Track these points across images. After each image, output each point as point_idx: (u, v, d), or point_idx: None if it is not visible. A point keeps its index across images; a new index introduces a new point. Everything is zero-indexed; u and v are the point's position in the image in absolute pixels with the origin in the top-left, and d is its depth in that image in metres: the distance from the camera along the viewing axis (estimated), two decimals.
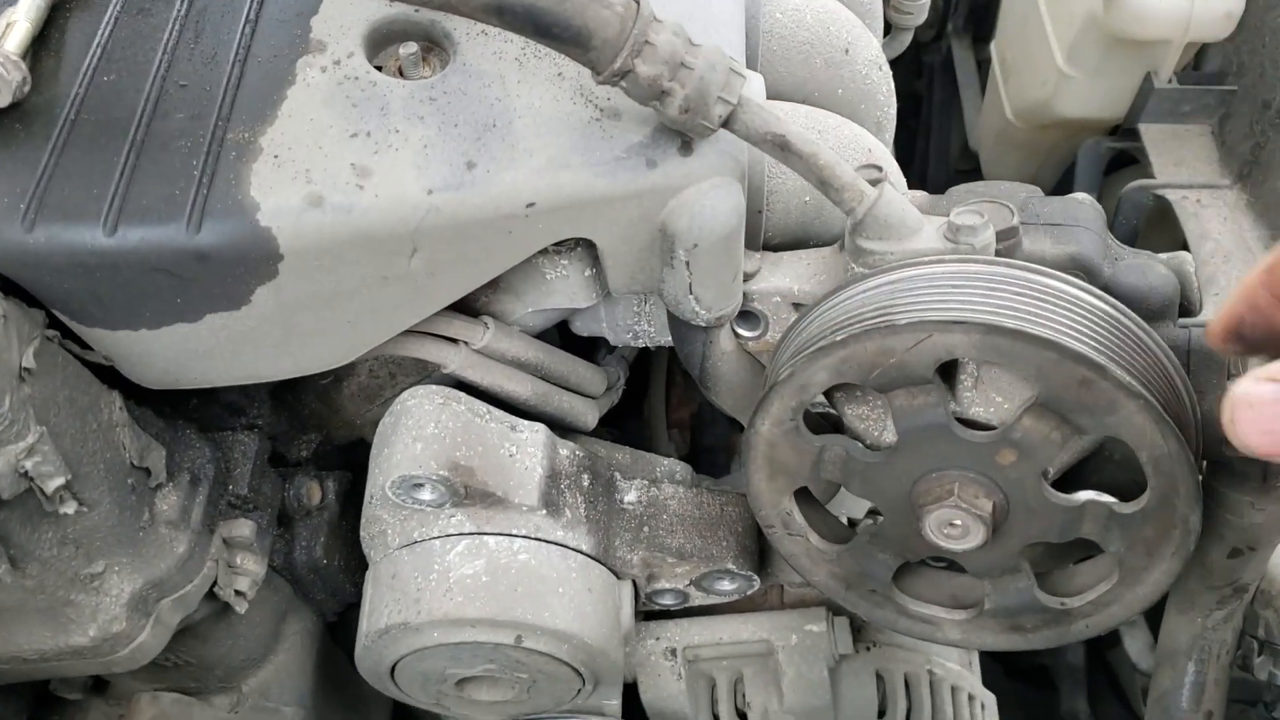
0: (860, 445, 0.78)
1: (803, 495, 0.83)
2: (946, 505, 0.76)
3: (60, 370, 0.69)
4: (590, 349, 0.99)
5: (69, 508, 0.68)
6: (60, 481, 0.66)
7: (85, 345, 0.72)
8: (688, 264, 0.76)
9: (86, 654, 0.75)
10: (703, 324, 0.82)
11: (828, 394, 0.80)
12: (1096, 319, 0.70)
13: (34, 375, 0.66)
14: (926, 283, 0.73)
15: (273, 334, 0.73)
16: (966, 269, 0.73)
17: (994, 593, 0.83)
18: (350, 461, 0.97)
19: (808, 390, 0.75)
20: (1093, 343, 0.68)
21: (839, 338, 0.72)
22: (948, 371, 0.75)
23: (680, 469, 0.98)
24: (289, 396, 0.91)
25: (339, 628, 1.02)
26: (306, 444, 0.93)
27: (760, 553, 0.94)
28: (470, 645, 0.82)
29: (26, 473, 0.65)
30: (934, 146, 2.07)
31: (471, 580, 0.82)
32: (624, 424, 1.20)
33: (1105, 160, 1.55)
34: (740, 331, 0.87)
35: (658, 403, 1.24)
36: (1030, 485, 0.75)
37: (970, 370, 0.76)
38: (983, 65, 1.89)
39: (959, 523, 0.76)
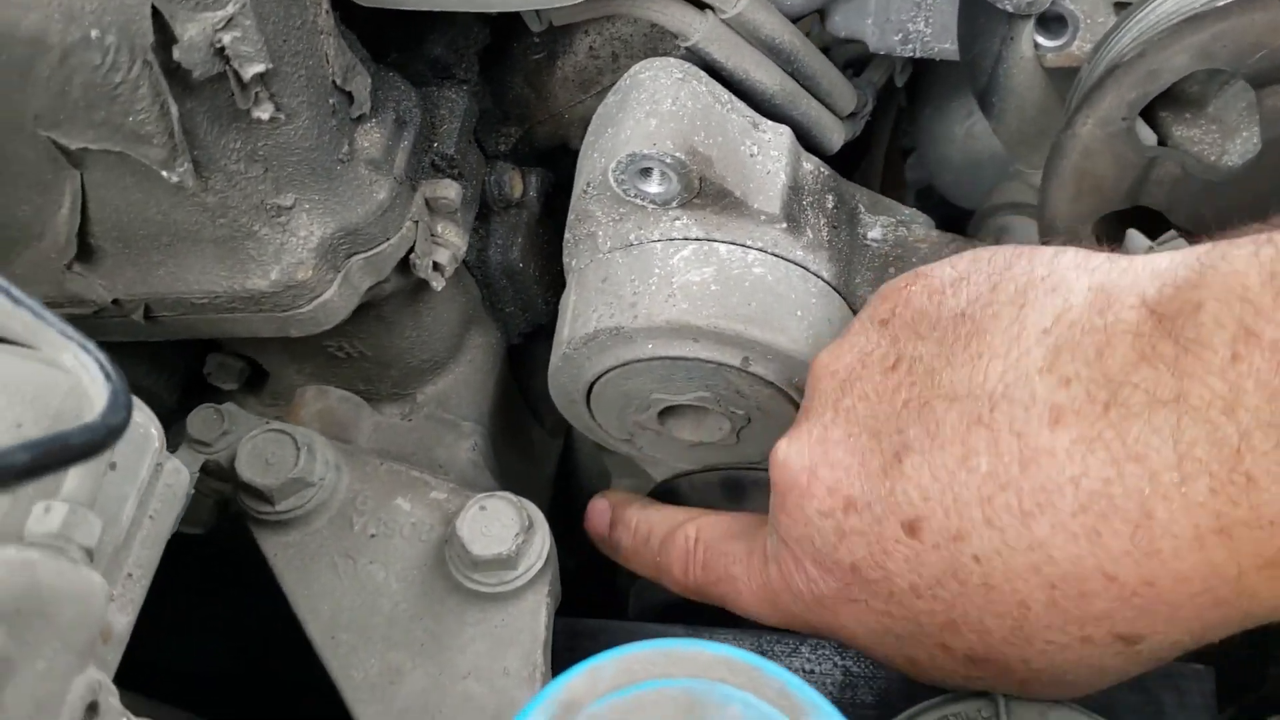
0: (1203, 162, 0.63)
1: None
2: None
3: None
4: None
5: (264, 110, 0.57)
6: (259, 69, 0.55)
7: None
8: None
9: (264, 303, 0.65)
10: (1009, 8, 0.67)
11: (1149, 112, 0.65)
12: None
13: None
14: None
15: None
16: None
17: None
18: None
19: (1157, 78, 0.60)
20: None
21: (1220, 3, 0.57)
22: None
23: (923, 219, 0.84)
24: (495, 73, 0.79)
25: (515, 366, 0.91)
26: (505, 138, 0.81)
27: None
28: (688, 363, 0.71)
29: (223, 49, 0.54)
30: None
31: (699, 288, 0.70)
32: None
33: None
34: (1040, 39, 0.72)
35: (873, 177, 1.09)
36: None
37: None
38: None
39: None
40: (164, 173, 0.57)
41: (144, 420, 0.50)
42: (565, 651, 0.75)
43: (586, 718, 0.39)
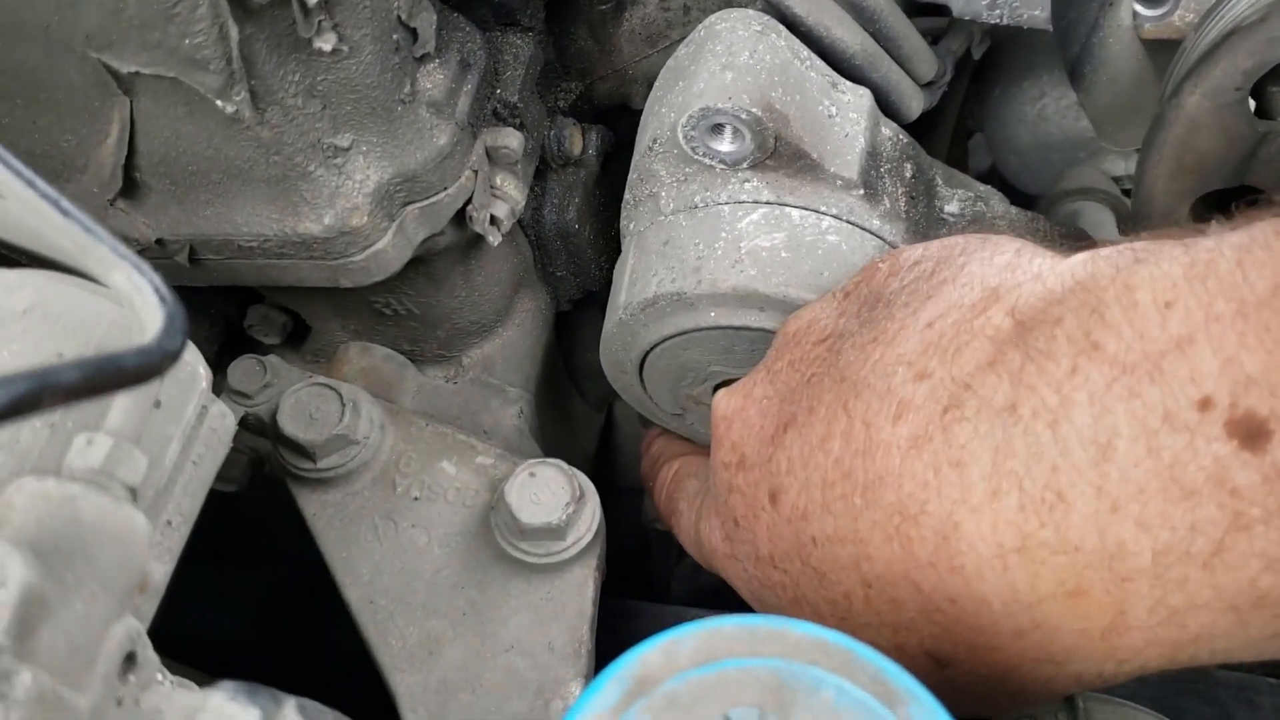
0: None
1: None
2: None
3: None
4: None
5: (326, 40, 0.54)
6: None
7: None
8: None
9: (315, 249, 0.62)
10: None
11: (1258, 87, 0.61)
12: None
13: None
14: None
15: None
16: None
17: None
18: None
19: (1278, 45, 0.56)
20: None
21: None
22: None
23: (998, 196, 0.80)
24: (558, 24, 0.75)
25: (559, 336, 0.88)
26: (565, 93, 0.78)
27: None
28: (752, 334, 0.67)
29: None
30: None
31: (768, 254, 0.66)
32: None
33: None
34: (1140, 8, 0.69)
35: (939, 156, 1.05)
36: None
37: None
38: None
39: None
40: (219, 102, 0.54)
41: (192, 359, 0.47)
42: (606, 633, 0.72)
43: (663, 695, 0.36)
